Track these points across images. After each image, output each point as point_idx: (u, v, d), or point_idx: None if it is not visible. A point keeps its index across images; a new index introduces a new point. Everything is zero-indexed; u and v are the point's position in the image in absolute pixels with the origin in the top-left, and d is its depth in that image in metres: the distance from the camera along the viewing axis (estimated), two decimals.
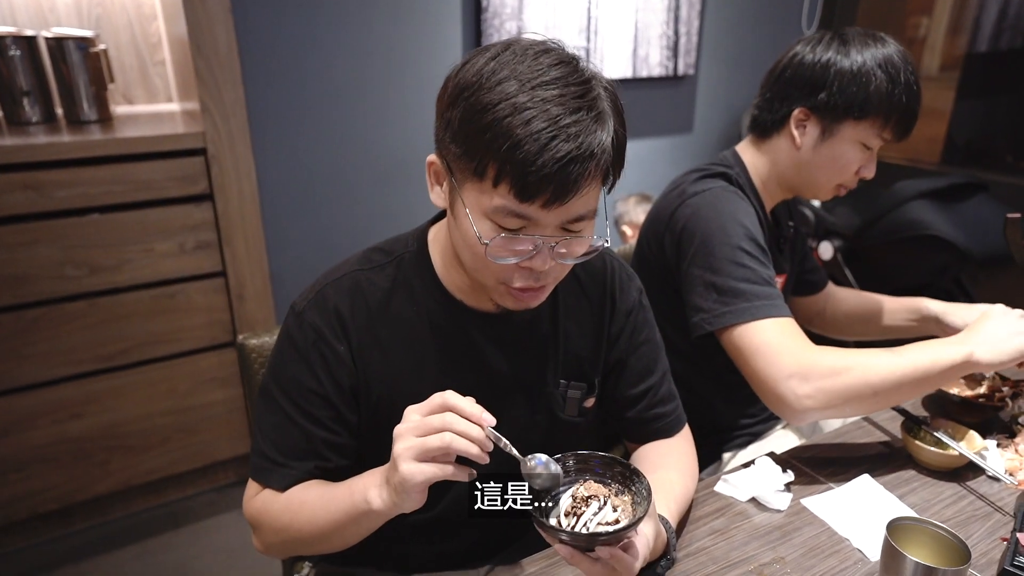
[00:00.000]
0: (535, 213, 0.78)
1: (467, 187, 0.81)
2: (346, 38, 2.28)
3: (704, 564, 0.95)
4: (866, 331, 1.62)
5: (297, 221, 2.37)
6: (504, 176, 0.76)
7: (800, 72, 1.26)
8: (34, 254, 1.82)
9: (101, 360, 1.99)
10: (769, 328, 1.15)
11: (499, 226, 0.80)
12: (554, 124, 0.73)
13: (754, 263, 1.20)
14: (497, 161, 0.75)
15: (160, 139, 1.91)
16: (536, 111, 0.74)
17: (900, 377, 1.09)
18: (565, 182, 0.75)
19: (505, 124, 0.74)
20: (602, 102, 0.78)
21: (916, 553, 0.81)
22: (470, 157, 0.78)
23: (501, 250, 0.81)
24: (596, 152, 0.76)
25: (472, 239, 0.81)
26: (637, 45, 2.88)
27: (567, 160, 0.74)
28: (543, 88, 0.75)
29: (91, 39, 2.00)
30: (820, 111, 1.25)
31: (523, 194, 0.76)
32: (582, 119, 0.75)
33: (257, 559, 2.05)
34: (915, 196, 2.47)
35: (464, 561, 1.10)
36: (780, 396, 1.13)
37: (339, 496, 0.87)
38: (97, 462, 2.06)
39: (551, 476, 0.79)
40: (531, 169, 0.73)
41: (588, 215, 0.82)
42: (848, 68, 1.22)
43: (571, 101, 0.75)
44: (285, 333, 0.96)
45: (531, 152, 0.73)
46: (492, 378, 0.99)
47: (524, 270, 0.84)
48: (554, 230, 0.81)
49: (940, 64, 3.16)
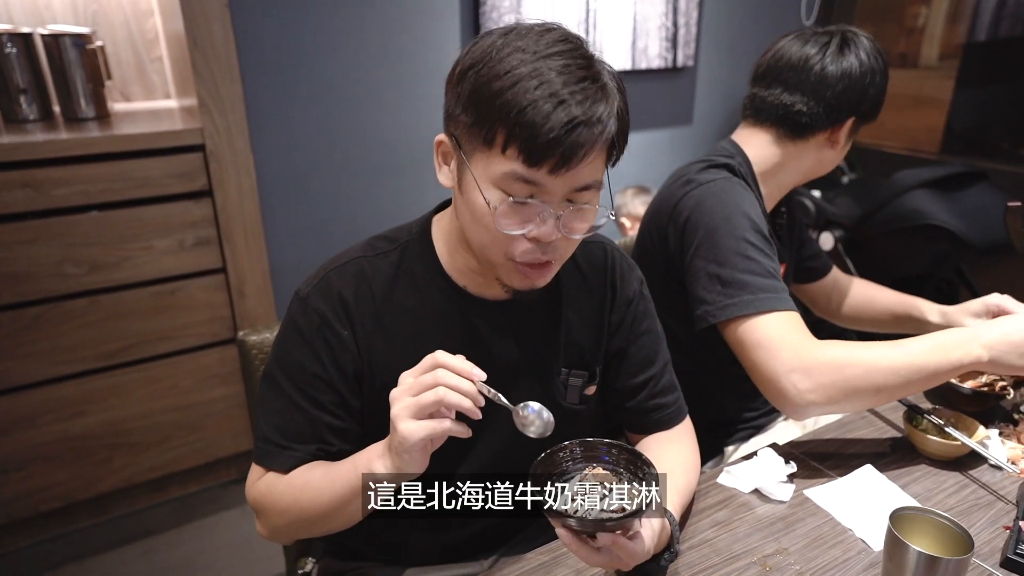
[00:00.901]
0: (543, 179, 0.80)
1: (476, 157, 0.83)
2: (344, 31, 2.27)
3: (708, 556, 0.95)
4: (869, 323, 1.62)
5: (297, 216, 2.36)
6: (513, 141, 0.78)
7: (848, 80, 1.28)
8: (33, 252, 1.82)
9: (102, 358, 1.99)
10: (772, 322, 1.15)
11: (507, 194, 0.81)
12: (562, 89, 0.76)
13: (759, 255, 1.19)
14: (506, 127, 0.78)
15: (158, 136, 1.91)
16: (544, 79, 0.77)
17: (905, 375, 1.08)
18: (572, 146, 0.77)
19: (514, 91, 0.76)
20: (605, 77, 0.81)
21: (919, 543, 0.81)
22: (480, 125, 0.80)
23: (509, 219, 0.82)
24: (603, 119, 0.78)
25: (481, 210, 0.83)
26: (636, 37, 2.87)
27: (574, 124, 0.76)
28: (550, 59, 0.78)
29: (88, 36, 1.99)
30: (866, 118, 1.32)
31: (531, 159, 0.78)
32: (588, 88, 0.78)
33: (261, 555, 2.06)
34: (915, 186, 2.46)
35: (468, 553, 1.10)
36: (782, 391, 1.12)
37: (343, 471, 0.87)
38: (99, 460, 2.06)
39: (544, 423, 0.82)
40: (539, 133, 0.76)
41: (594, 186, 0.84)
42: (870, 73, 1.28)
43: (576, 71, 0.78)
44: (289, 319, 0.97)
45: (539, 116, 0.75)
46: (494, 365, 0.98)
47: (531, 243, 0.85)
48: (561, 200, 0.82)
49: (939, 53, 3.16)
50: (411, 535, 1.07)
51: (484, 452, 1.01)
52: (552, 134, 0.76)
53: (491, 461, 1.01)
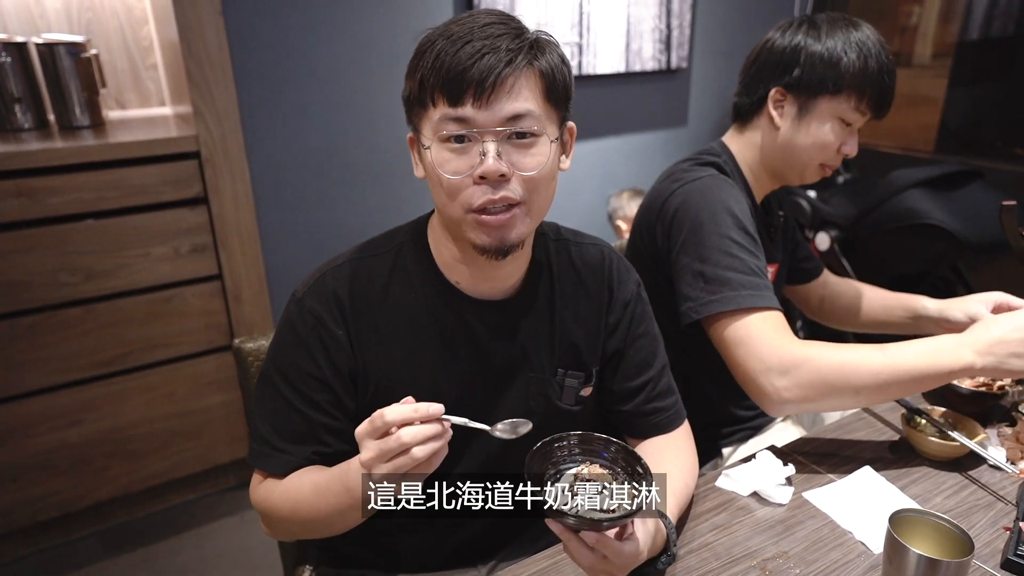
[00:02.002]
0: (468, 113, 0.83)
1: (423, 124, 0.88)
2: (337, 37, 2.27)
3: (707, 560, 0.95)
4: (863, 325, 1.62)
5: (292, 222, 2.36)
6: (436, 88, 0.84)
7: (773, 55, 1.29)
8: (29, 261, 1.82)
9: (99, 366, 1.98)
10: (754, 319, 1.15)
11: (442, 137, 0.85)
12: (469, 34, 0.83)
13: (743, 252, 1.20)
14: (429, 77, 0.84)
15: (153, 143, 1.90)
16: (456, 31, 0.84)
17: (887, 378, 1.08)
18: (481, 72, 0.82)
19: (431, 46, 0.85)
20: (528, 33, 0.87)
21: (919, 545, 0.81)
22: (414, 88, 0.87)
23: (451, 163, 0.86)
24: (512, 50, 0.83)
25: (431, 167, 0.87)
26: (630, 39, 2.87)
27: (480, 54, 0.82)
28: (469, 20, 0.86)
29: (82, 44, 1.99)
30: (795, 89, 1.28)
31: (452, 96, 0.83)
32: (497, 28, 0.85)
33: (260, 562, 2.05)
34: (910, 185, 2.47)
35: (466, 559, 1.10)
36: (759, 388, 1.13)
37: (334, 488, 0.87)
38: (97, 468, 2.06)
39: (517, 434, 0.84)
40: (451, 68, 0.82)
41: (527, 116, 0.85)
42: (819, 50, 1.25)
43: (488, 28, 0.85)
44: (285, 319, 0.97)
45: (449, 55, 0.82)
46: (489, 365, 1.00)
47: (481, 185, 0.86)
48: (497, 135, 0.85)
49: (932, 52, 3.16)
50: (407, 540, 1.07)
51: (480, 451, 1.01)
52: (461, 66, 0.82)
53: (487, 460, 1.01)
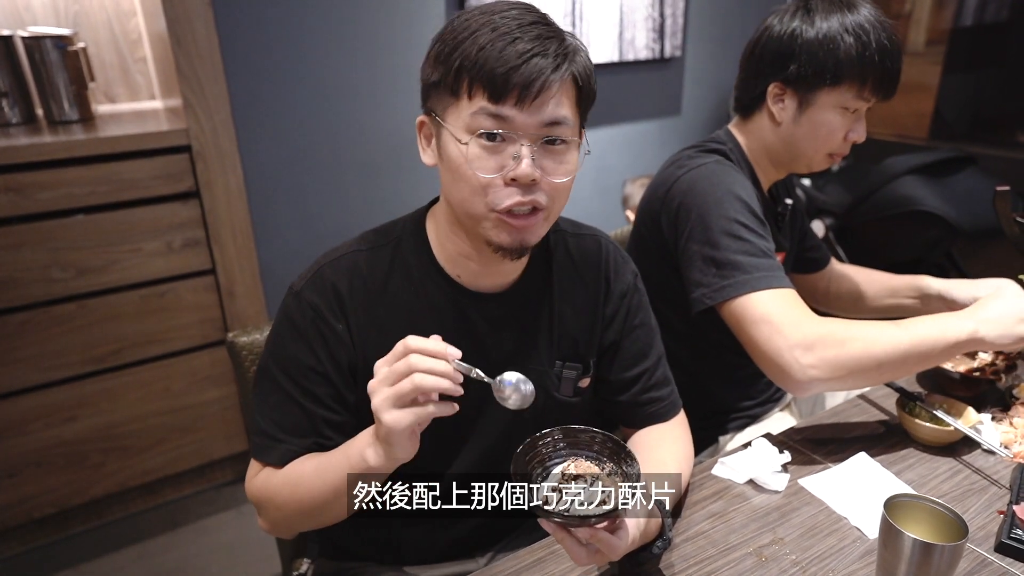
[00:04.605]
0: (509, 112, 0.82)
1: (449, 112, 0.86)
2: (328, 28, 2.25)
3: (703, 548, 0.95)
4: (869, 309, 1.61)
5: (285, 215, 2.35)
6: (476, 82, 0.82)
7: (769, 47, 1.27)
8: (19, 257, 1.80)
9: (92, 362, 1.98)
10: (770, 299, 1.14)
11: (479, 133, 0.84)
12: (516, 30, 0.82)
13: (752, 236, 1.19)
14: (468, 70, 0.82)
15: (144, 137, 1.89)
16: (497, 25, 0.83)
17: (905, 350, 1.08)
18: (530, 74, 0.81)
19: (472, 38, 0.82)
20: (568, 38, 0.86)
21: (914, 530, 0.81)
22: (447, 77, 0.84)
23: (483, 161, 0.84)
24: (558, 53, 0.83)
25: (458, 159, 0.85)
26: (623, 28, 2.86)
27: (529, 55, 0.81)
28: (505, 14, 0.84)
29: (69, 37, 1.97)
30: (793, 83, 1.25)
31: (495, 93, 0.82)
32: (540, 29, 0.84)
33: (257, 556, 2.05)
34: (905, 172, 2.47)
35: (465, 550, 1.10)
36: (784, 367, 1.11)
37: (335, 462, 0.87)
38: (92, 464, 2.05)
39: (522, 395, 0.82)
40: (497, 65, 0.81)
41: (564, 123, 0.86)
42: (813, 37, 1.22)
43: (529, 17, 0.85)
44: (283, 313, 0.96)
45: (495, 51, 0.81)
46: (488, 357, 0.99)
47: (511, 187, 0.85)
48: (532, 137, 0.84)
49: (926, 39, 3.16)
50: (406, 533, 1.07)
51: (474, 450, 1.01)
52: (509, 64, 0.80)
53: (481, 459, 1.01)
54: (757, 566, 0.91)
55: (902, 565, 0.80)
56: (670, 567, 0.91)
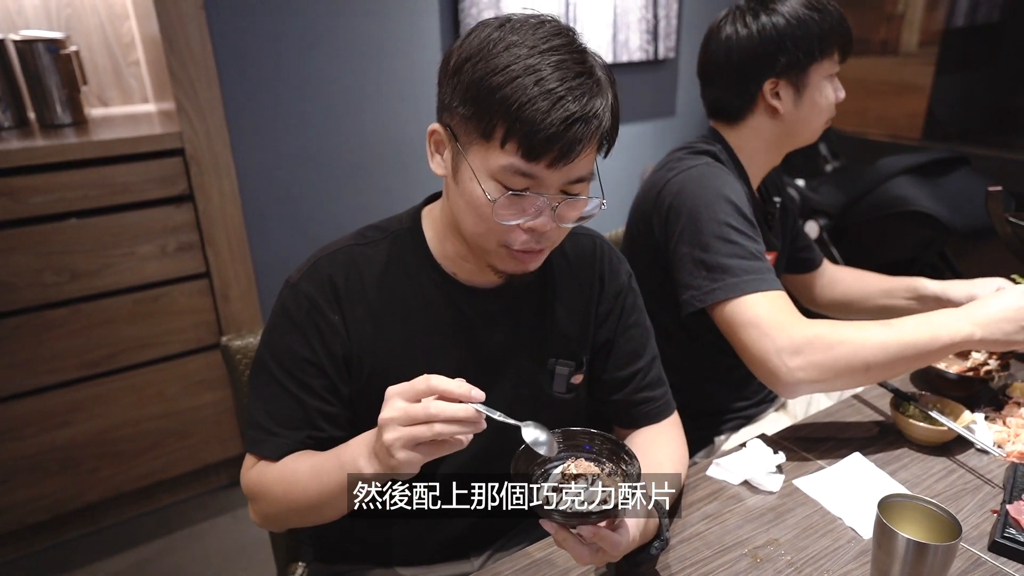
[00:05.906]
0: (540, 172, 0.82)
1: (474, 150, 0.84)
2: (322, 31, 2.25)
3: (699, 549, 0.95)
4: (863, 310, 1.60)
5: (280, 218, 2.34)
6: (512, 136, 0.80)
7: (748, 51, 1.28)
8: (12, 262, 1.80)
9: (86, 367, 1.97)
10: (759, 302, 1.15)
11: (505, 186, 0.83)
12: (560, 86, 0.79)
13: (742, 238, 1.20)
14: (505, 122, 0.79)
15: (137, 140, 1.88)
16: (541, 75, 0.79)
17: (896, 352, 1.08)
18: (570, 141, 0.79)
19: (512, 87, 0.78)
20: (598, 71, 0.84)
21: (908, 530, 0.81)
22: (478, 119, 0.82)
23: (507, 210, 0.84)
24: (599, 114, 0.81)
25: (478, 200, 0.84)
26: (616, 30, 2.86)
27: (572, 121, 0.79)
28: (546, 55, 0.80)
29: (62, 41, 1.96)
30: (786, 72, 1.28)
31: (531, 154, 0.80)
32: (584, 83, 0.80)
33: (253, 560, 2.04)
34: (898, 172, 2.48)
35: (460, 551, 1.09)
36: (772, 370, 1.12)
37: (328, 468, 0.87)
38: (87, 470, 2.04)
39: (549, 443, 0.79)
40: (538, 129, 0.78)
41: (587, 177, 0.87)
42: (786, 23, 1.25)
43: (573, 66, 0.81)
44: (279, 305, 0.97)
45: (538, 113, 0.78)
46: (482, 353, 1.00)
47: (526, 232, 0.87)
48: (555, 191, 0.85)
49: (919, 40, 3.17)
50: (400, 534, 1.06)
51: (469, 449, 1.00)
52: (551, 130, 0.78)
53: (475, 459, 1.01)
54: (752, 567, 0.91)
55: (896, 565, 0.81)
56: (666, 568, 0.91)
